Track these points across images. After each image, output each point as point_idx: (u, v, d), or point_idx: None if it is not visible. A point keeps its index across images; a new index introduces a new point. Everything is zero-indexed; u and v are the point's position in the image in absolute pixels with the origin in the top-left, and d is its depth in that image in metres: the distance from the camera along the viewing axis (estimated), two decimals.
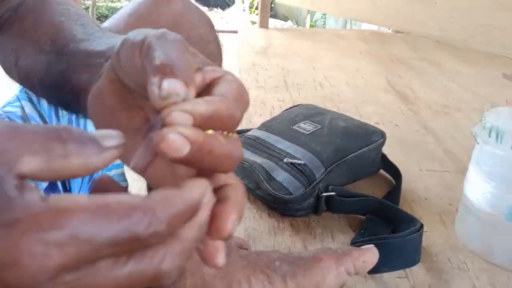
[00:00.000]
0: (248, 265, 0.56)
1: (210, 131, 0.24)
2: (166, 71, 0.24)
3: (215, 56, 0.69)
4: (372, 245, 0.59)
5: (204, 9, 4.25)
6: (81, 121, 0.61)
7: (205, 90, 0.27)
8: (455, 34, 2.00)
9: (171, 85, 0.24)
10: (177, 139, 0.22)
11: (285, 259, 0.57)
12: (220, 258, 0.25)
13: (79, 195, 0.21)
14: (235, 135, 0.27)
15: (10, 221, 0.19)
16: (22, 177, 0.20)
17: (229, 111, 0.25)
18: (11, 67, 0.49)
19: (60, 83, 0.41)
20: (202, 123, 0.24)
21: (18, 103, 0.62)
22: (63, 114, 0.61)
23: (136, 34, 0.29)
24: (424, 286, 0.67)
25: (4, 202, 0.19)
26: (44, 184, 0.55)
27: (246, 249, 0.62)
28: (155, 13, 0.65)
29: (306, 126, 0.91)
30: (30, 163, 0.20)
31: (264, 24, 2.23)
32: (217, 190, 0.26)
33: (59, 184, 0.56)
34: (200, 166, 0.25)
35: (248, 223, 0.79)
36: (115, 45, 0.33)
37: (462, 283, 0.67)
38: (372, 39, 2.09)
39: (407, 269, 0.69)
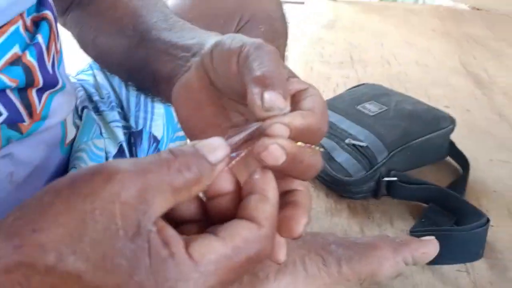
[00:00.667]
0: (303, 246, 0.56)
1: (300, 143, 0.27)
2: (266, 83, 0.26)
3: (281, 33, 0.68)
4: (433, 237, 0.57)
5: None
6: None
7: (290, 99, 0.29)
8: None
9: (272, 98, 0.26)
10: (277, 150, 0.25)
11: (341, 243, 0.56)
12: (282, 255, 0.28)
13: (214, 239, 0.23)
14: (320, 149, 0.29)
15: (168, 285, 0.22)
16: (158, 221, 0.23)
17: (318, 125, 0.27)
18: (88, 44, 0.50)
19: (141, 68, 0.42)
20: (296, 136, 0.26)
21: (90, 72, 0.64)
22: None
23: (233, 40, 0.30)
24: (485, 283, 0.64)
25: (160, 265, 0.22)
26: (113, 152, 0.57)
27: None
28: None
29: (371, 107, 0.88)
30: (162, 207, 0.23)
31: None
32: (289, 193, 0.29)
33: (127, 152, 0.58)
34: (288, 173, 0.28)
35: None
36: (202, 42, 0.35)
37: None
38: (447, 16, 1.97)
39: (468, 263, 0.67)
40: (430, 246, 0.56)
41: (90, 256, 0.21)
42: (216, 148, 0.25)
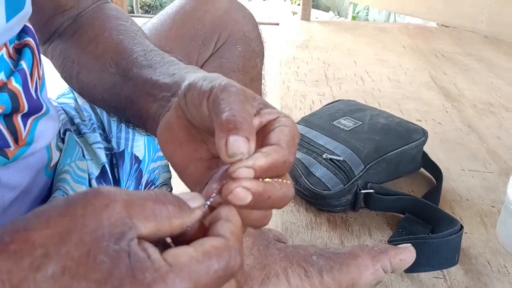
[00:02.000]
0: (285, 258, 0.58)
1: (267, 179, 0.29)
2: (230, 127, 0.28)
3: (258, 53, 0.70)
4: (409, 244, 0.59)
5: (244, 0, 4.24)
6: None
7: (261, 130, 0.31)
8: (504, 29, 1.93)
9: (235, 143, 0.28)
10: (242, 191, 0.28)
11: (322, 254, 0.58)
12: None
13: (186, 247, 0.25)
14: (288, 181, 0.31)
15: (146, 282, 0.23)
16: (140, 238, 0.25)
17: (283, 158, 0.29)
18: (71, 78, 0.52)
19: (127, 107, 0.44)
20: (261, 174, 0.29)
21: (71, 95, 0.65)
22: None
23: (204, 81, 0.33)
24: None
25: (139, 264, 0.23)
26: (96, 173, 0.58)
27: (284, 242, 0.64)
28: (200, 10, 0.67)
29: (346, 122, 0.91)
30: (146, 227, 0.25)
31: (306, 17, 2.22)
32: None
33: (109, 173, 0.59)
34: (259, 208, 0.30)
35: (285, 217, 0.80)
36: (180, 81, 0.38)
37: (501, 287, 0.67)
38: (416, 33, 2.05)
39: (444, 270, 0.69)
40: (407, 252, 0.58)
41: (74, 254, 0.23)
42: (194, 198, 0.28)
